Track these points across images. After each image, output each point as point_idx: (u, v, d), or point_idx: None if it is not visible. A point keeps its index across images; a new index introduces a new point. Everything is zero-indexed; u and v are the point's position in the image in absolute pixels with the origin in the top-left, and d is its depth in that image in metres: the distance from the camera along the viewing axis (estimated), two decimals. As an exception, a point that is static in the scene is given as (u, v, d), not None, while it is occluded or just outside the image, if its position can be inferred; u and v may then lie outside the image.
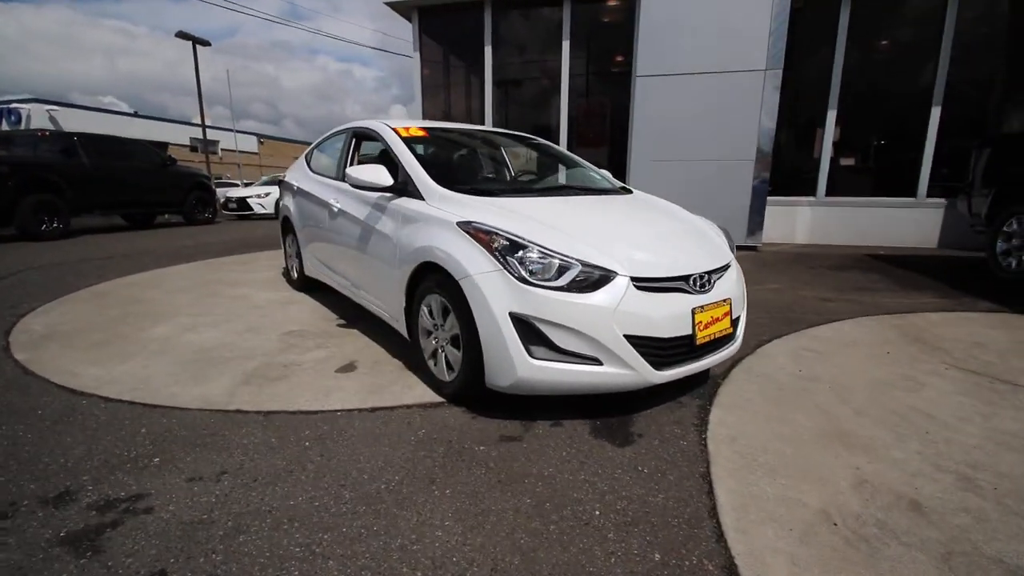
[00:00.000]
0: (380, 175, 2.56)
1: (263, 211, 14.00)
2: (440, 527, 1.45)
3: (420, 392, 2.35)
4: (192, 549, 1.35)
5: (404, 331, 2.58)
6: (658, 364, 1.95)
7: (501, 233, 2.00)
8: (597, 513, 1.52)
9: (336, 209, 3.19)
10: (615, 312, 1.87)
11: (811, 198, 7.26)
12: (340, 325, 3.39)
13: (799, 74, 6.51)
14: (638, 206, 2.74)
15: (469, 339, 2.02)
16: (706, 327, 2.05)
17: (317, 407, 2.20)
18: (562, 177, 3.16)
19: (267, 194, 14.10)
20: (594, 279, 1.90)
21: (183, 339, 3.09)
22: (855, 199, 7.13)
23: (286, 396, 2.30)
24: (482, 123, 8.10)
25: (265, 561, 1.32)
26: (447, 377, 2.24)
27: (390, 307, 2.68)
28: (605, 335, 1.86)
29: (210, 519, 1.48)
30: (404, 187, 2.53)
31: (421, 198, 2.44)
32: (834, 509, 1.54)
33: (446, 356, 2.24)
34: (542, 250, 1.94)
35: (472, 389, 2.11)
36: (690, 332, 2.00)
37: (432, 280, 2.23)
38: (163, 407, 2.19)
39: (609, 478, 1.70)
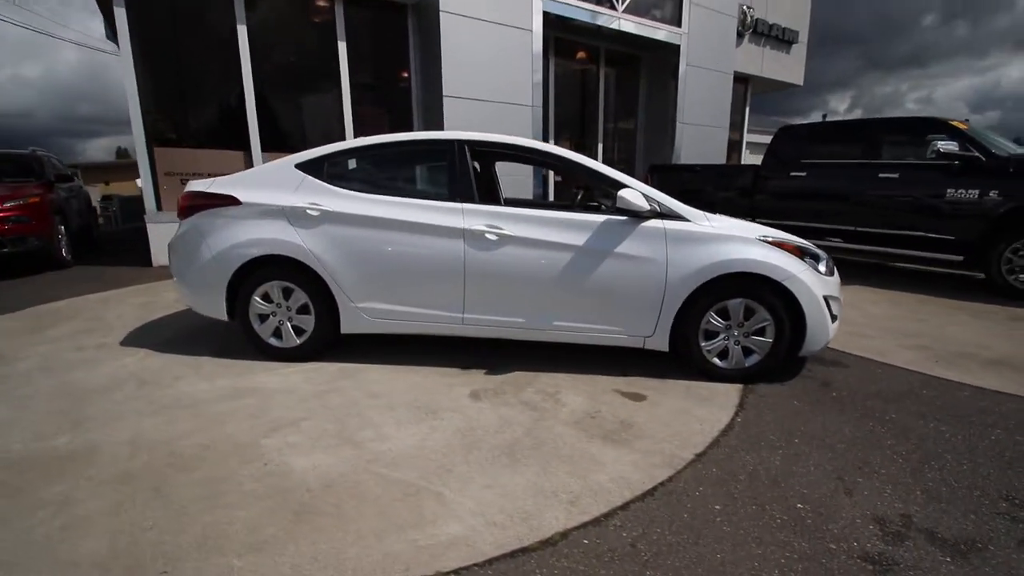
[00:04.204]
0: (644, 200, 2.62)
1: None
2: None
3: (727, 388, 2.69)
4: None
5: (663, 345, 2.76)
6: (832, 315, 3.15)
7: (794, 241, 2.74)
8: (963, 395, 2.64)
9: (495, 237, 2.72)
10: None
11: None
12: (489, 372, 2.87)
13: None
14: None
15: (786, 324, 2.65)
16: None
17: (717, 431, 2.28)
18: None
19: None
20: (830, 263, 2.92)
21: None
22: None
23: (667, 439, 2.23)
24: (244, 122, 6.47)
25: None
26: (745, 364, 2.74)
27: (634, 328, 2.76)
28: (842, 299, 2.93)
29: None
30: (664, 212, 2.70)
31: (683, 219, 2.71)
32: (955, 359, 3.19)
33: (743, 348, 2.73)
34: (808, 249, 2.80)
35: (780, 363, 2.74)
36: (833, 291, 3.28)
37: (729, 288, 2.65)
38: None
39: (916, 383, 2.79)
